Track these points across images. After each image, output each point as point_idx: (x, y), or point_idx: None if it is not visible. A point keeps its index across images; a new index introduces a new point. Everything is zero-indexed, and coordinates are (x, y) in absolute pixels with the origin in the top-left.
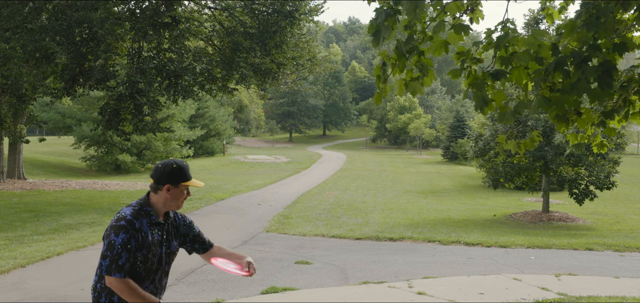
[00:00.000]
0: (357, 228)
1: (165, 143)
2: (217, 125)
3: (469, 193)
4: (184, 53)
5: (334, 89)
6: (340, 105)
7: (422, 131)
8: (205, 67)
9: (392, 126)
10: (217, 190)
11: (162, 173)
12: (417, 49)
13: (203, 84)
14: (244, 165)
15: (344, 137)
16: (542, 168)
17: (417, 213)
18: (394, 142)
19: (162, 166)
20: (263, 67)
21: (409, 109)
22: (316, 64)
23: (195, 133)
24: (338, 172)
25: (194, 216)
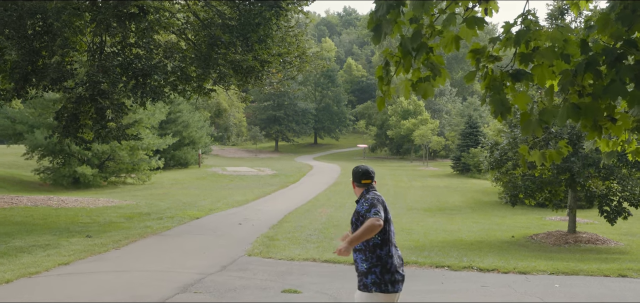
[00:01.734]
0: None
1: (131, 152)
2: (192, 132)
3: (483, 211)
4: (153, 49)
5: (326, 91)
6: (334, 109)
7: (428, 139)
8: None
9: (394, 133)
10: (191, 207)
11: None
12: (425, 46)
13: (175, 84)
14: (222, 179)
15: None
16: (568, 182)
17: (423, 235)
18: (396, 151)
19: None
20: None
21: (414, 114)
22: (306, 62)
23: (166, 141)
24: (331, 186)
25: (163, 238)
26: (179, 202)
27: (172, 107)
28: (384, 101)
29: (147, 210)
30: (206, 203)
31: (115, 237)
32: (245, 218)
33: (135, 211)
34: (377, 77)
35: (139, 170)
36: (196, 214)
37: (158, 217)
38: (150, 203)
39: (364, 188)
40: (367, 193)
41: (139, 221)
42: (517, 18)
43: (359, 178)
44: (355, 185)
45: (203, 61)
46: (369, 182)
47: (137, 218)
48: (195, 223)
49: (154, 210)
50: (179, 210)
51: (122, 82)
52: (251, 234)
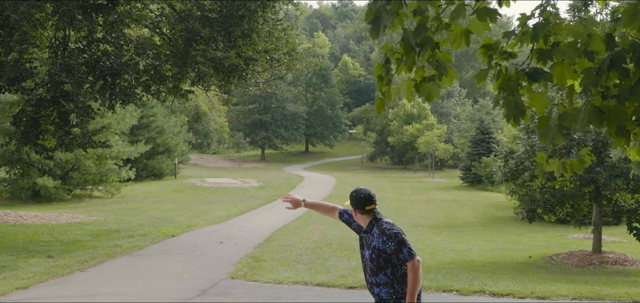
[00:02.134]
0: (350, 274)
1: (98, 162)
2: (167, 138)
3: (497, 228)
4: (123, 44)
5: (319, 92)
6: (328, 112)
7: (434, 146)
8: (150, 62)
9: (395, 140)
10: (166, 223)
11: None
12: (431, 41)
13: (148, 84)
14: (201, 192)
15: (333, 154)
16: (593, 196)
17: (428, 255)
18: (399, 160)
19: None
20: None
21: (418, 118)
22: (296, 59)
23: (138, 149)
24: (325, 199)
25: (135, 258)
26: (153, 217)
27: (145, 110)
28: (384, 104)
29: (117, 226)
30: (183, 219)
31: (81, 257)
32: (228, 236)
33: (103, 228)
34: (376, 76)
35: (108, 182)
36: (172, 231)
37: (129, 235)
38: (120, 219)
39: (369, 216)
40: (378, 222)
41: (108, 239)
42: (535, 10)
43: (362, 205)
44: (357, 212)
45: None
46: (373, 207)
47: (105, 236)
48: (171, 242)
49: (124, 227)
50: (153, 226)
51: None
52: (234, 254)
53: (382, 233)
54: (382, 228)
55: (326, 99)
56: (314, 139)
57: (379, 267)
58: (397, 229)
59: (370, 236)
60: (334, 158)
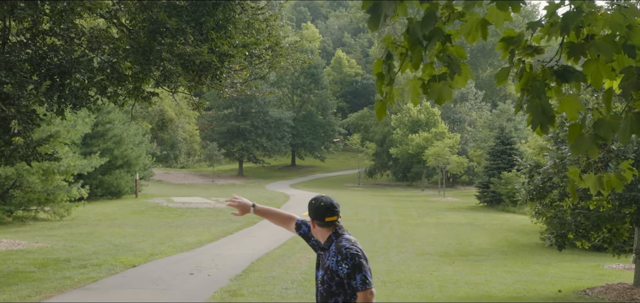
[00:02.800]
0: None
1: (44, 178)
2: (126, 149)
3: (520, 257)
4: (74, 38)
5: (308, 94)
6: (319, 118)
7: (446, 159)
8: (107, 59)
9: (399, 151)
10: (125, 251)
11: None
12: (441, 33)
13: (104, 85)
14: (167, 213)
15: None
16: (634, 218)
17: (438, 289)
18: (403, 176)
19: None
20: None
21: (426, 125)
22: (280, 55)
23: (92, 162)
24: None
25: (88, 293)
26: (110, 244)
27: (100, 116)
28: (385, 108)
29: (66, 255)
30: (146, 246)
31: (23, 292)
32: (199, 266)
33: (49, 256)
34: (375, 75)
35: (55, 202)
36: (132, 261)
37: (81, 265)
38: (71, 245)
39: (329, 229)
40: (338, 238)
41: (55, 270)
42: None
43: (321, 216)
44: (316, 224)
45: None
46: (334, 219)
47: (53, 266)
48: (131, 274)
49: (75, 256)
50: (109, 255)
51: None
52: (207, 288)
53: (338, 251)
54: (340, 246)
55: (316, 102)
56: (302, 150)
57: (330, 293)
58: (356, 250)
59: (327, 254)
60: (325, 174)
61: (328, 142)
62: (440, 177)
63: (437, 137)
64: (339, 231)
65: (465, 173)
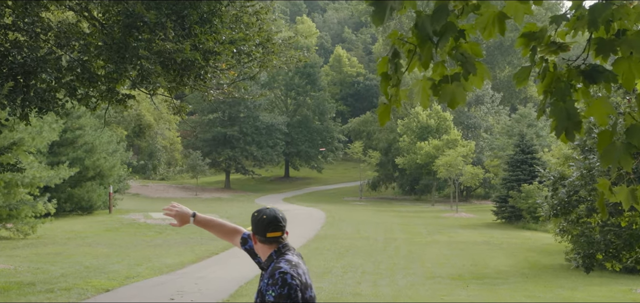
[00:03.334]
0: None
1: (6, 191)
2: (99, 159)
3: (542, 280)
4: (40, 33)
5: (304, 97)
6: (316, 124)
7: (459, 170)
8: (77, 57)
9: (406, 161)
10: (98, 273)
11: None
12: (454, 28)
13: (73, 86)
14: (145, 230)
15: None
16: None
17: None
18: (410, 189)
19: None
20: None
21: (437, 132)
22: (272, 52)
23: (60, 173)
24: (312, 241)
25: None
26: (80, 265)
27: (69, 121)
28: (389, 111)
29: (31, 278)
30: (121, 267)
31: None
32: (181, 290)
33: (12, 280)
34: (380, 74)
35: (19, 218)
36: (106, 285)
37: (47, 289)
38: (36, 267)
39: (271, 247)
40: (278, 258)
41: (19, 295)
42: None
43: (263, 230)
44: (257, 240)
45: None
46: (278, 236)
47: (16, 290)
48: (104, 299)
49: (41, 279)
50: (80, 278)
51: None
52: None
53: (271, 274)
54: (275, 268)
55: (313, 106)
56: (297, 160)
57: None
58: (290, 277)
59: (264, 275)
60: (323, 186)
61: (326, 151)
62: (453, 190)
63: (449, 145)
64: (282, 250)
65: (480, 186)
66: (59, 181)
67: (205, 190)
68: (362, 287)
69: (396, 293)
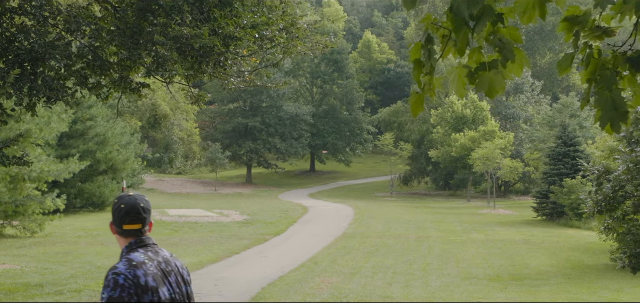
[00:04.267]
0: None
1: (12, 187)
2: (111, 152)
3: (586, 281)
4: (48, 17)
5: (331, 85)
6: (343, 114)
7: (497, 164)
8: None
9: (440, 154)
10: None
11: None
12: (491, 12)
13: (84, 75)
14: (161, 228)
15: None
16: None
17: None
18: (445, 184)
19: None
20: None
21: (473, 123)
22: (297, 38)
23: (70, 167)
24: (339, 240)
25: None
26: (91, 266)
27: (80, 112)
28: (422, 101)
29: (39, 279)
30: None
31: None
32: (199, 293)
33: (18, 281)
34: (412, 62)
35: (26, 215)
36: None
37: (56, 291)
38: (44, 267)
39: (127, 241)
40: (128, 254)
41: (25, 297)
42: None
43: (119, 221)
44: (115, 232)
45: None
46: (137, 229)
47: (22, 292)
48: None
49: (49, 280)
50: (91, 279)
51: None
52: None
53: (107, 274)
54: (111, 267)
55: (340, 95)
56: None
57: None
58: (123, 278)
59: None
60: (351, 181)
61: (355, 143)
62: (490, 185)
63: (486, 137)
64: (134, 245)
65: (520, 181)
66: (69, 176)
67: (225, 185)
68: (393, 289)
69: (429, 296)
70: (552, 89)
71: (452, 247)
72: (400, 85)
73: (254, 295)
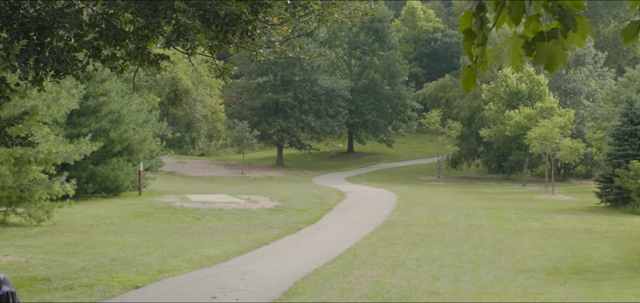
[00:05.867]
0: None
1: (17, 169)
2: (127, 131)
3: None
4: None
5: (371, 57)
6: (385, 89)
7: (555, 144)
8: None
9: (492, 134)
10: (126, 267)
11: None
12: None
13: (96, 46)
14: (182, 216)
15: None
16: None
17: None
18: (498, 166)
19: None
20: (222, 11)
21: (529, 99)
22: (333, 4)
23: (81, 148)
24: (380, 228)
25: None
26: (104, 257)
27: (92, 86)
28: (474, 75)
29: (46, 272)
30: (153, 260)
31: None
32: (224, 287)
33: (23, 274)
34: (462, 31)
35: (32, 201)
36: (135, 280)
37: (66, 286)
38: (52, 260)
39: None
40: None
41: (32, 291)
42: None
43: None
44: None
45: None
46: None
47: (28, 287)
48: (133, 298)
49: (58, 273)
50: (104, 272)
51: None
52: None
53: None
54: None
55: (381, 67)
56: (363, 132)
57: None
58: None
59: None
60: (394, 163)
61: (397, 121)
62: (548, 168)
63: (544, 115)
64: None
65: (581, 163)
66: (79, 157)
67: (253, 167)
68: (440, 283)
69: (480, 291)
70: (616, 60)
71: (506, 237)
72: (448, 56)
73: (285, 290)
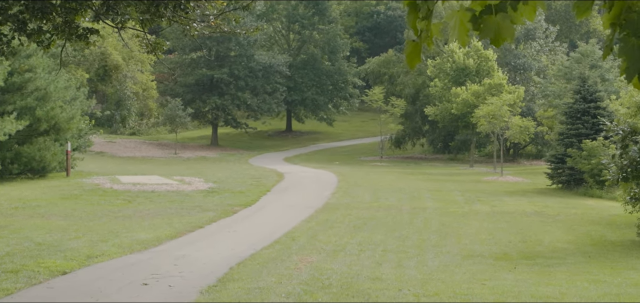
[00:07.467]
0: None
1: None
2: (54, 109)
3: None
4: None
5: (310, 31)
6: (325, 65)
7: (504, 123)
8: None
9: (438, 112)
10: (52, 252)
11: None
12: None
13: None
14: (112, 198)
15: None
16: None
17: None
18: (444, 147)
19: None
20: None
21: (477, 75)
22: None
23: (5, 126)
24: (320, 212)
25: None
26: (30, 242)
27: (17, 62)
28: (419, 51)
29: None
30: (81, 244)
31: None
32: (156, 273)
33: None
34: (406, 4)
35: None
36: (62, 266)
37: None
38: None
39: None
40: None
41: None
42: None
43: None
44: None
45: None
46: None
47: None
48: (61, 284)
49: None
50: (30, 257)
51: None
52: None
53: None
54: None
55: (322, 42)
56: (302, 110)
57: None
58: None
59: None
60: (334, 143)
61: (338, 99)
62: (497, 148)
63: (492, 92)
64: None
65: (531, 143)
66: (4, 137)
67: (187, 147)
68: (383, 269)
69: (425, 277)
70: (568, 35)
71: (452, 220)
72: (391, 31)
73: (220, 276)
